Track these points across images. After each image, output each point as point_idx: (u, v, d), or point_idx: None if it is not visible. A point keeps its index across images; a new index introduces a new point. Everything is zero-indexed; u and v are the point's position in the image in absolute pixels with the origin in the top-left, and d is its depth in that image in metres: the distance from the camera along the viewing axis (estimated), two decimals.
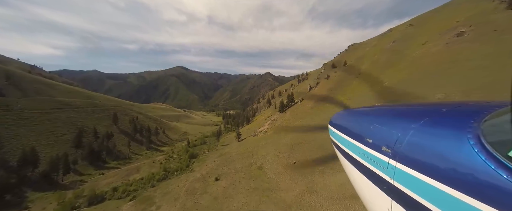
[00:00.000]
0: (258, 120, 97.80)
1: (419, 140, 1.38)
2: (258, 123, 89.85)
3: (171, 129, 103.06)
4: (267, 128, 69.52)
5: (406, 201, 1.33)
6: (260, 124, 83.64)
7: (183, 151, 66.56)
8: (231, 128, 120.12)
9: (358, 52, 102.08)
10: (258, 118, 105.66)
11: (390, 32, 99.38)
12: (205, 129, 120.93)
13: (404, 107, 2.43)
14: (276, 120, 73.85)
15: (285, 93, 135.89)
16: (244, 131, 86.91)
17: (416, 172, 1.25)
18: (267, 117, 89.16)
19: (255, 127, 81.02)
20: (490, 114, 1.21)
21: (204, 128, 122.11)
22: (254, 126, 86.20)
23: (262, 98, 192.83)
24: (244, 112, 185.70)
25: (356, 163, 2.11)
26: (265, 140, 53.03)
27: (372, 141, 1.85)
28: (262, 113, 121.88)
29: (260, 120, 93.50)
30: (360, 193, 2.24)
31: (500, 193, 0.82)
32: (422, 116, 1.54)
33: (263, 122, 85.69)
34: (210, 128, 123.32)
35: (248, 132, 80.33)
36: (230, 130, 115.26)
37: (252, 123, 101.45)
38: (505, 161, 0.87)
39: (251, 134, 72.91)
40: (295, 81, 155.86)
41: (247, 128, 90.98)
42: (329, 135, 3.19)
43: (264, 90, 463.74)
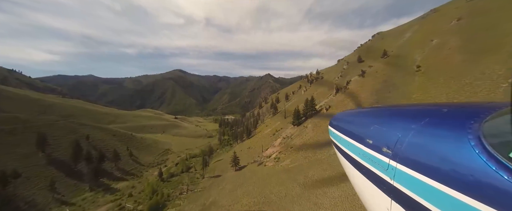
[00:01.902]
0: (262, 132, 73.26)
1: (420, 140, 1.37)
2: (263, 138, 65.57)
3: (146, 147, 78.39)
4: (278, 151, 45.16)
5: (406, 201, 1.33)
6: (266, 140, 59.29)
7: (147, 190, 42.02)
8: (227, 140, 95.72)
9: (391, 40, 78.48)
10: (262, 129, 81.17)
11: (434, 13, 75.87)
12: (196, 143, 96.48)
13: (404, 107, 2.45)
14: (292, 137, 49.46)
15: (294, 97, 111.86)
16: (244, 149, 62.53)
17: (416, 173, 1.25)
18: (275, 130, 64.69)
19: (259, 144, 56.80)
20: (491, 114, 1.20)
21: (194, 142, 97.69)
22: (257, 142, 61.99)
23: (265, 102, 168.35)
24: (243, 119, 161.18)
25: (356, 163, 2.10)
26: (279, 176, 28.70)
27: (373, 141, 1.84)
28: (266, 121, 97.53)
29: (265, 133, 69.04)
30: (360, 193, 2.24)
31: (501, 194, 0.82)
32: (423, 116, 1.54)
33: (269, 137, 61.23)
34: (201, 142, 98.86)
35: (249, 153, 55.95)
36: (227, 144, 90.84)
37: (255, 135, 77.02)
38: (506, 162, 0.87)
39: (254, 159, 48.62)
40: (304, 83, 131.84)
41: (248, 145, 66.46)
42: (329, 136, 3.10)
43: (265, 92, 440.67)
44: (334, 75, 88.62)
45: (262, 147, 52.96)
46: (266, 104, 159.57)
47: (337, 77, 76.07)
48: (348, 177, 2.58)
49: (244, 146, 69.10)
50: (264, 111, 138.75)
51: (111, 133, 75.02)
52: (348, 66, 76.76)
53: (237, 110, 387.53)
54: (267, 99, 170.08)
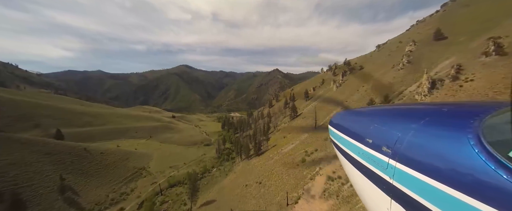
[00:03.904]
0: (279, 149, 48.25)
1: (419, 140, 1.37)
2: (282, 159, 40.61)
3: (105, 168, 52.70)
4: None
5: (405, 200, 1.33)
6: (289, 172, 34.13)
7: None
8: (228, 153, 71.57)
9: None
10: (278, 141, 56.20)
11: None
12: (187, 154, 72.93)
13: (404, 107, 2.44)
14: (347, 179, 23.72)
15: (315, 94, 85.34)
16: (251, 181, 37.96)
17: (416, 172, 1.25)
18: (304, 151, 39.36)
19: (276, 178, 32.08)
20: (491, 114, 1.20)
21: (185, 153, 74.19)
22: (272, 171, 37.22)
23: (276, 99, 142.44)
24: (250, 119, 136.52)
25: (356, 163, 2.09)
26: None
27: (372, 141, 1.84)
28: (280, 126, 72.07)
29: (285, 153, 43.87)
30: (359, 192, 2.23)
31: (500, 193, 0.82)
32: (422, 116, 1.54)
33: (295, 166, 36.06)
34: (195, 153, 75.18)
35: (261, 194, 31.28)
36: (227, 158, 66.72)
37: (268, 150, 52.25)
38: (505, 161, 0.87)
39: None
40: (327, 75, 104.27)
41: (258, 173, 41.75)
42: (329, 135, 3.12)
43: (273, 88, 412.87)
44: (380, 65, 61.20)
45: (285, 191, 27.90)
46: (277, 103, 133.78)
47: (398, 65, 48.79)
48: (348, 176, 2.53)
49: (250, 170, 44.46)
50: (276, 110, 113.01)
51: (44, 151, 46.76)
52: (417, 47, 49.12)
53: (243, 107, 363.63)
54: (278, 96, 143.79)
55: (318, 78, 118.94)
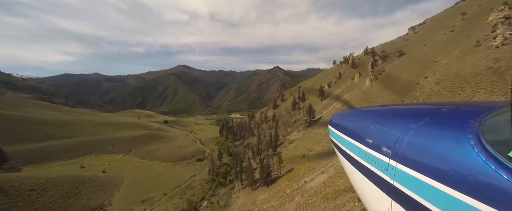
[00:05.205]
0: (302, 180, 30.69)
1: (419, 140, 1.37)
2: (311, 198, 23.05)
3: (46, 207, 33.73)
4: None
5: (406, 201, 1.33)
6: None
7: None
8: (225, 174, 54.15)
9: None
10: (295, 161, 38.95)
11: None
12: (172, 176, 55.50)
13: (404, 107, 2.42)
14: None
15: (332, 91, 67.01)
16: None
17: (416, 172, 1.25)
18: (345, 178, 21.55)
19: None
20: (490, 114, 1.20)
21: (169, 174, 56.83)
22: None
23: (280, 98, 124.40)
24: (252, 122, 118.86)
25: (356, 163, 2.08)
26: None
27: (372, 141, 1.83)
28: (295, 138, 54.37)
29: (316, 188, 26.19)
30: (360, 193, 2.21)
31: (500, 193, 0.82)
32: (422, 116, 1.54)
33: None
34: (181, 172, 57.73)
35: None
36: (222, 182, 49.34)
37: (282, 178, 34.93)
38: (505, 161, 0.87)
39: None
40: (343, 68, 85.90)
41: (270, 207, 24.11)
42: (329, 135, 3.06)
43: (274, 86, 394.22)
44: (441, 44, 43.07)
45: None
46: (283, 102, 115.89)
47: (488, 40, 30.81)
48: (348, 177, 2.52)
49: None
50: (282, 111, 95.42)
51: None
52: (464, 23, 30.91)
53: (244, 107, 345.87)
54: (283, 95, 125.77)
55: (329, 73, 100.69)
